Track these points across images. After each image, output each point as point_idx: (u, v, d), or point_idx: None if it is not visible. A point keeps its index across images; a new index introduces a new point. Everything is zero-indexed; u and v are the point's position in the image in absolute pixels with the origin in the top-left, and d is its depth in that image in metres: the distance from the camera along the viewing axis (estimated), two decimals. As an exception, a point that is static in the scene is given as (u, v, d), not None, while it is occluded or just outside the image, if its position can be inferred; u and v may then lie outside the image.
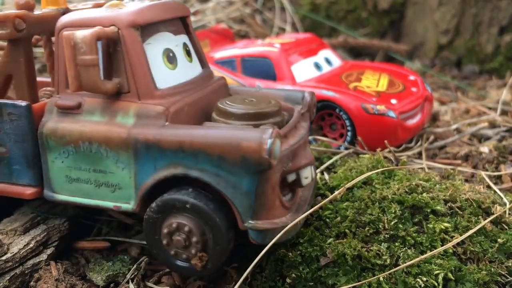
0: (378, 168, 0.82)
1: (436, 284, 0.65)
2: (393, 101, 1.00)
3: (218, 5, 1.84)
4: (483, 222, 0.71)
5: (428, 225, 0.71)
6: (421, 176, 0.81)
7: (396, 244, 0.69)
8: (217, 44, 1.33)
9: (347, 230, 0.72)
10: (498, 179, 0.95)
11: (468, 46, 1.68)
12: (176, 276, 0.74)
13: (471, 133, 1.15)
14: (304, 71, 1.10)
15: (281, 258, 0.70)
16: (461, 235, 0.69)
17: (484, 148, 1.06)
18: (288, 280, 0.69)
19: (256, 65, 1.11)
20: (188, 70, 0.73)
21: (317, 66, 1.14)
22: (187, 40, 0.75)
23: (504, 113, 1.28)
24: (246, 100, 0.70)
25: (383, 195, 0.75)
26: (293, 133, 0.68)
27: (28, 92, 0.74)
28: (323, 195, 0.81)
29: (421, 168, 0.93)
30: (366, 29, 1.83)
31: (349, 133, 1.00)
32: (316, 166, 0.88)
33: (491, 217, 0.73)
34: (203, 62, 0.78)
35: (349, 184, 0.74)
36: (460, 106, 1.37)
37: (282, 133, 0.64)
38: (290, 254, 0.69)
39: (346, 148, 0.98)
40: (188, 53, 0.74)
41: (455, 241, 0.68)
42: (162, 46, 0.69)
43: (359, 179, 0.76)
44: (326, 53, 1.20)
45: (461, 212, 0.74)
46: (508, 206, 0.76)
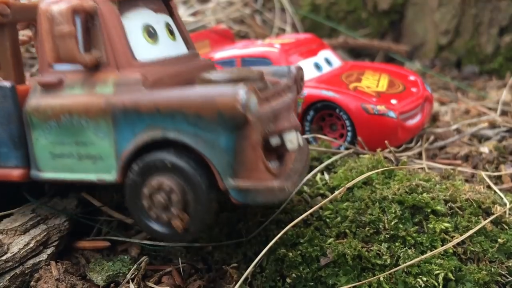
0: (378, 168, 0.82)
1: (436, 284, 0.65)
2: (393, 102, 1.00)
3: (218, 6, 1.84)
4: (483, 222, 0.71)
5: (428, 225, 0.71)
6: (421, 176, 0.81)
7: (397, 244, 0.69)
8: (217, 45, 1.33)
9: (347, 230, 0.72)
10: (498, 179, 0.95)
11: (468, 47, 1.68)
12: (177, 276, 0.74)
13: (471, 134, 1.15)
14: (304, 72, 1.10)
15: (281, 258, 0.70)
16: (461, 235, 0.69)
17: (484, 149, 1.06)
18: (288, 280, 0.69)
19: (256, 66, 1.11)
20: (171, 47, 0.73)
21: (317, 67, 1.14)
22: (171, 21, 0.76)
23: (504, 114, 1.28)
24: (228, 71, 0.70)
25: (383, 195, 0.75)
26: (276, 98, 0.67)
27: (14, 75, 0.75)
28: (323, 195, 0.81)
29: (421, 168, 0.93)
30: (366, 30, 1.83)
31: (349, 133, 1.00)
32: (316, 166, 0.88)
33: (491, 217, 0.73)
34: (189, 44, 0.78)
35: (349, 184, 0.74)
36: (460, 107, 1.37)
37: (263, 96, 0.63)
38: (290, 254, 0.69)
39: (346, 148, 0.98)
40: (171, 32, 0.75)
41: (455, 241, 0.68)
42: (142, 21, 0.70)
43: (359, 179, 0.76)
44: (326, 54, 1.20)
45: (461, 212, 0.74)
46: (508, 206, 0.76)
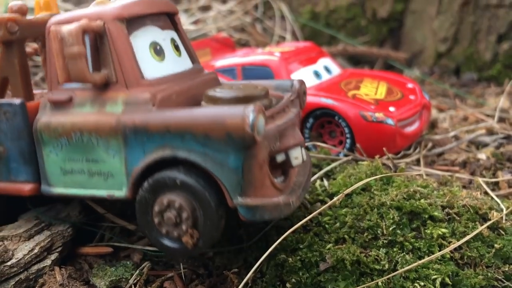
0: (377, 175, 0.83)
1: (434, 289, 0.66)
2: (391, 109, 1.02)
3: (219, 14, 1.86)
4: (480, 228, 0.72)
5: (426, 231, 0.72)
6: (419, 183, 0.82)
7: (394, 250, 0.70)
8: (218, 53, 1.35)
9: (346, 236, 0.73)
10: (495, 186, 0.96)
11: (467, 54, 1.69)
12: (178, 281, 0.75)
13: (469, 140, 1.16)
14: (304, 79, 1.12)
15: (281, 263, 0.71)
16: (458, 241, 0.70)
17: (482, 155, 1.07)
18: (288, 285, 0.70)
19: (257, 74, 1.13)
20: (177, 63, 0.75)
21: (317, 74, 1.15)
22: (176, 36, 0.77)
23: (502, 120, 1.29)
24: (234, 87, 0.71)
25: (382, 201, 0.76)
26: (281, 115, 0.69)
27: (23, 92, 0.76)
28: (323, 201, 0.82)
29: (419, 175, 0.94)
30: (365, 37, 1.85)
31: (348, 140, 1.01)
32: (316, 173, 0.89)
33: (488, 223, 0.74)
34: (193, 58, 0.79)
35: (348, 190, 0.76)
36: (459, 114, 1.38)
37: (269, 114, 0.64)
38: (290, 259, 0.70)
39: (345, 155, 0.99)
40: (177, 48, 0.76)
41: (453, 247, 0.69)
42: (149, 39, 0.71)
43: (358, 186, 0.77)
44: (326, 62, 1.21)
45: (458, 218, 0.75)
46: (505, 212, 0.77)
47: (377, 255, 0.69)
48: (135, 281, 0.74)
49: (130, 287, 0.73)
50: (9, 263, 0.72)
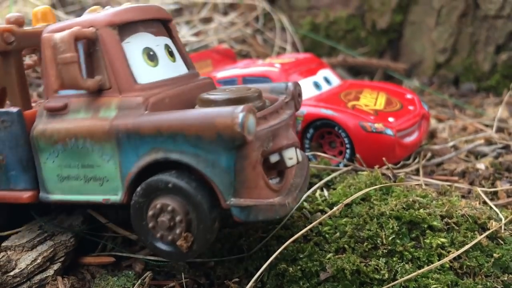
0: (376, 185, 0.84)
1: (433, 298, 0.66)
2: (391, 119, 1.02)
3: (220, 26, 1.88)
4: (479, 237, 0.73)
5: (425, 240, 0.73)
6: (418, 193, 0.83)
7: (394, 259, 0.71)
8: (219, 64, 1.36)
9: (346, 246, 0.73)
10: (494, 195, 0.97)
11: (465, 65, 1.71)
12: (180, 291, 0.75)
13: (468, 150, 1.17)
14: (304, 90, 1.12)
15: (282, 273, 0.72)
16: (458, 250, 0.71)
17: (481, 165, 1.07)
18: (289, 295, 0.70)
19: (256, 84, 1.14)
20: (171, 69, 0.75)
21: (317, 85, 1.16)
22: (170, 43, 0.78)
23: (500, 130, 1.30)
24: (227, 90, 0.72)
25: (381, 211, 0.76)
26: (274, 116, 0.69)
27: (21, 101, 0.78)
28: (323, 211, 0.82)
29: (418, 185, 0.95)
30: (365, 48, 1.86)
31: (348, 151, 1.02)
32: (316, 183, 0.90)
33: (487, 232, 0.74)
34: (188, 64, 0.80)
35: (348, 200, 0.76)
36: (458, 124, 1.39)
37: (262, 115, 0.65)
38: (291, 269, 0.71)
39: (345, 165, 1.00)
40: (171, 54, 0.77)
41: (452, 256, 0.70)
42: (142, 45, 0.72)
43: (358, 195, 0.78)
44: (325, 73, 1.23)
45: (458, 228, 0.75)
46: (504, 222, 0.78)
47: (377, 265, 0.70)
48: (137, 291, 0.75)
49: (132, 297, 0.74)
50: (12, 273, 0.72)
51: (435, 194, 0.85)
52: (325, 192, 0.88)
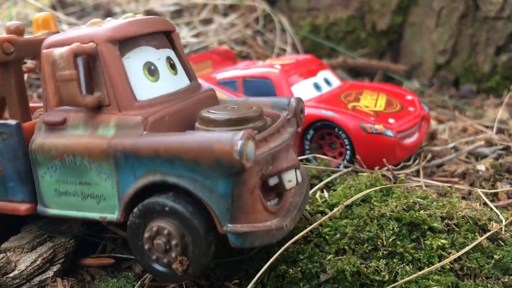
0: (377, 186, 0.84)
1: (434, 300, 0.66)
2: (391, 121, 1.02)
3: (220, 27, 1.88)
4: (480, 239, 0.73)
5: (426, 242, 0.73)
6: (419, 194, 0.83)
7: (394, 261, 0.71)
8: (219, 65, 1.36)
9: (347, 247, 0.73)
10: (495, 197, 0.97)
11: (466, 66, 1.71)
12: (179, 293, 0.75)
13: (468, 151, 1.17)
14: (304, 92, 1.13)
15: (282, 275, 0.72)
16: (458, 252, 0.71)
17: (481, 166, 1.07)
18: (289, 296, 0.70)
19: (257, 86, 1.14)
20: (172, 82, 0.74)
21: (317, 87, 1.16)
22: (172, 54, 0.76)
23: (501, 132, 1.30)
24: (228, 108, 0.71)
25: (382, 213, 0.76)
26: (275, 137, 0.68)
27: (20, 113, 0.77)
28: (323, 213, 0.82)
29: (419, 186, 0.95)
30: (365, 50, 1.86)
31: (348, 152, 1.02)
32: (316, 184, 0.90)
33: (487, 234, 0.74)
34: (191, 75, 0.79)
35: (348, 202, 0.76)
36: (458, 125, 1.39)
37: (262, 137, 0.64)
38: (291, 271, 0.71)
39: (345, 167, 1.00)
40: (173, 66, 0.75)
41: (452, 257, 0.70)
42: (143, 60, 0.71)
43: (358, 197, 0.78)
44: (325, 74, 1.23)
45: (458, 229, 0.75)
46: (504, 223, 0.78)
47: (377, 266, 0.70)
48: (137, 293, 0.75)
49: (132, 299, 0.74)
50: (12, 275, 0.72)
51: (436, 196, 0.85)
52: (325, 194, 0.88)
